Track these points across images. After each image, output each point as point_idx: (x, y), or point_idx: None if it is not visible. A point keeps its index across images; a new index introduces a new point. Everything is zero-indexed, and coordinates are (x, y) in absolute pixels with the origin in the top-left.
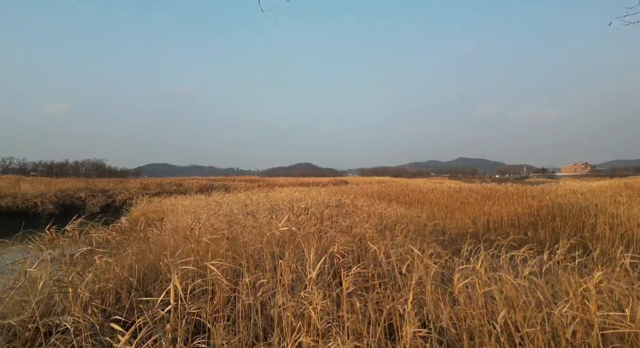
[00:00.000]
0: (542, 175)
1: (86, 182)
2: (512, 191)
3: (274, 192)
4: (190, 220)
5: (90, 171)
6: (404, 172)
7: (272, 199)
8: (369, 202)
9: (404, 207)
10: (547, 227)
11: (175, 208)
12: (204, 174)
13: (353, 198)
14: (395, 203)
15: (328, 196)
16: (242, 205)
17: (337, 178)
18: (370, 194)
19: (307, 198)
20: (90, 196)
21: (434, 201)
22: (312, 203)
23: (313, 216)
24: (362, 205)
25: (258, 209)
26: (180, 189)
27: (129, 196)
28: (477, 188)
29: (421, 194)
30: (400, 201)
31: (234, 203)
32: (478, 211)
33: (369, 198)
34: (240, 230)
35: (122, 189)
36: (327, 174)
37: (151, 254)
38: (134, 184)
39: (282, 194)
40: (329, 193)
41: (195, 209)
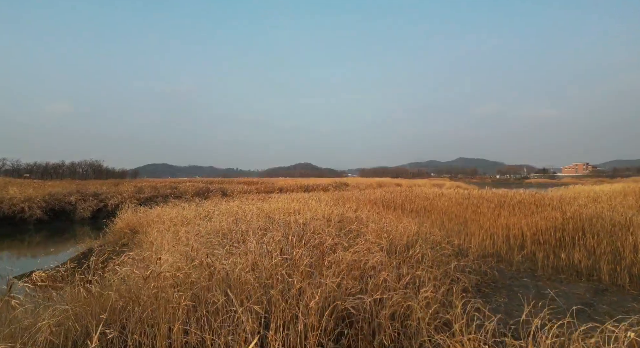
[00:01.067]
0: (543, 175)
1: (78, 185)
2: (527, 199)
3: (270, 200)
4: (170, 240)
5: (86, 173)
6: (404, 172)
7: (267, 210)
8: (373, 212)
9: (410, 217)
10: (580, 246)
11: (161, 218)
12: (204, 174)
13: (356, 209)
14: (400, 211)
15: (329, 206)
16: (233, 218)
17: (337, 178)
18: (373, 202)
19: (305, 209)
20: (81, 201)
21: (442, 210)
22: (311, 216)
23: (313, 238)
24: (367, 218)
25: (249, 227)
26: (176, 192)
27: (122, 200)
28: (488, 195)
29: (428, 201)
30: (405, 209)
31: (225, 214)
32: (494, 224)
33: (373, 206)
34: (219, 268)
35: (114, 193)
36: (327, 174)
37: (77, 324)
38: (128, 187)
39: (278, 204)
40: (329, 201)
41: (181, 221)
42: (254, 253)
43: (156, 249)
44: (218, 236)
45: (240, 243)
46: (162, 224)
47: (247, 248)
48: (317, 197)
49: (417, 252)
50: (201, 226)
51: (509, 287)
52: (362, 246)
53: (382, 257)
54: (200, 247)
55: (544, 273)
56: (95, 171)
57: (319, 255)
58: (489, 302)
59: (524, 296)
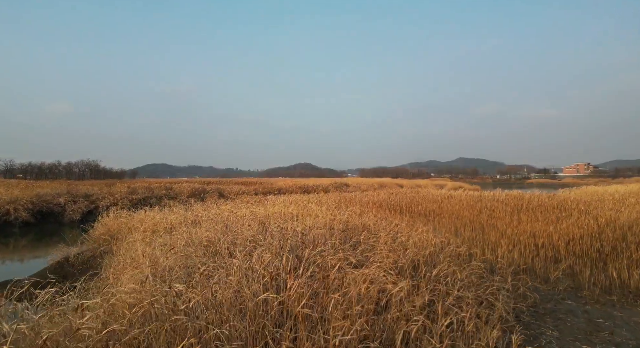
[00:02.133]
0: (544, 176)
1: (69, 185)
2: (547, 201)
3: (267, 203)
4: (141, 253)
5: (83, 173)
6: (404, 172)
7: (263, 215)
8: (379, 216)
9: (419, 221)
10: (626, 259)
11: (143, 224)
12: (204, 175)
13: (360, 213)
14: (407, 214)
15: (330, 211)
16: (222, 225)
17: (338, 179)
18: (378, 204)
19: (304, 213)
20: (70, 202)
21: (454, 213)
22: (312, 223)
23: (313, 255)
24: (375, 226)
25: (239, 237)
26: (171, 193)
27: (114, 202)
28: (501, 197)
29: (436, 203)
30: (413, 213)
31: (214, 220)
32: (516, 231)
33: (378, 209)
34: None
35: (106, 194)
36: (327, 174)
37: None
38: (121, 188)
39: (274, 208)
40: (331, 204)
41: (165, 227)
42: (237, 279)
43: (116, 271)
44: (201, 247)
45: (226, 257)
46: (143, 231)
47: (231, 267)
48: (318, 199)
49: (444, 270)
50: (185, 234)
51: (553, 314)
52: (375, 268)
53: (404, 285)
54: (168, 268)
55: (591, 294)
56: (92, 171)
57: (322, 282)
58: (535, 337)
59: (574, 327)
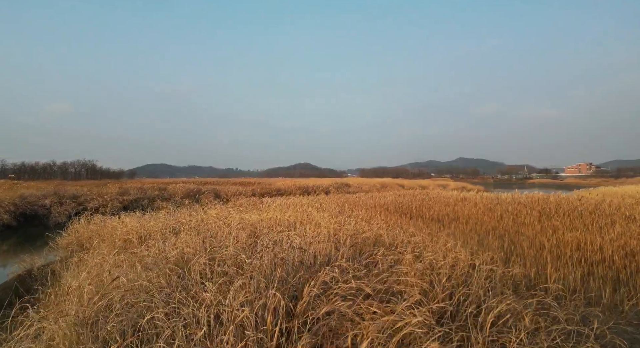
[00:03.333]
0: (546, 176)
1: (57, 186)
2: (576, 204)
3: (262, 206)
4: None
5: (79, 173)
6: (404, 172)
7: (256, 221)
8: (389, 222)
9: (433, 227)
10: None
11: (115, 232)
12: (204, 175)
13: (368, 218)
14: (419, 220)
15: (334, 217)
16: (204, 236)
17: (338, 179)
18: (384, 207)
19: (304, 219)
20: (56, 204)
21: (471, 218)
22: (313, 234)
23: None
24: (389, 236)
25: (219, 255)
26: (164, 194)
27: (103, 203)
28: (522, 199)
29: (449, 206)
30: (424, 217)
31: (198, 228)
32: (554, 241)
33: (385, 213)
34: None
35: (95, 195)
36: (327, 174)
37: None
38: (111, 189)
39: (270, 214)
40: (333, 208)
41: (140, 237)
42: None
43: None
44: (168, 269)
45: (196, 288)
46: (113, 242)
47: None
48: (319, 202)
49: (500, 308)
50: (154, 249)
51: None
52: (405, 309)
53: None
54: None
55: None
56: (88, 171)
57: None
58: None
59: None
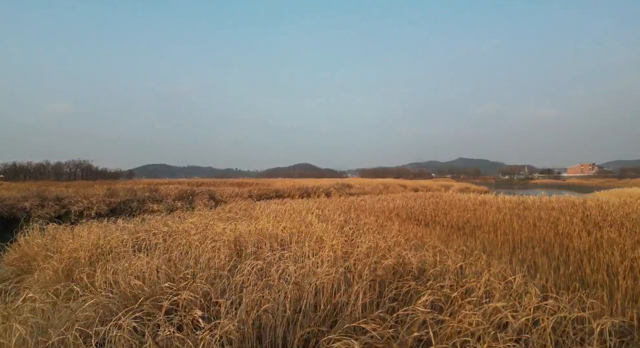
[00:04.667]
0: (548, 176)
1: (40, 187)
2: (627, 210)
3: (256, 210)
4: None
5: (74, 173)
6: (405, 173)
7: (243, 234)
8: (405, 230)
9: (456, 236)
10: None
11: (67, 247)
12: (203, 175)
13: (380, 227)
14: (437, 227)
15: (339, 227)
16: (176, 253)
17: (339, 179)
18: (395, 212)
19: (303, 231)
20: (37, 206)
21: (499, 226)
22: (315, 256)
23: None
24: (414, 258)
25: (179, 292)
26: (155, 196)
27: (88, 206)
28: (552, 203)
29: (468, 211)
30: (441, 224)
31: (168, 244)
32: (627, 263)
33: (397, 219)
34: None
35: (80, 197)
36: (327, 174)
37: None
38: (99, 190)
39: (260, 224)
40: (337, 215)
41: (94, 254)
42: None
43: None
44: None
45: None
46: (58, 263)
47: None
48: (320, 206)
49: None
50: (101, 278)
51: None
52: None
53: None
54: None
55: None
56: (84, 171)
57: None
58: None
59: None
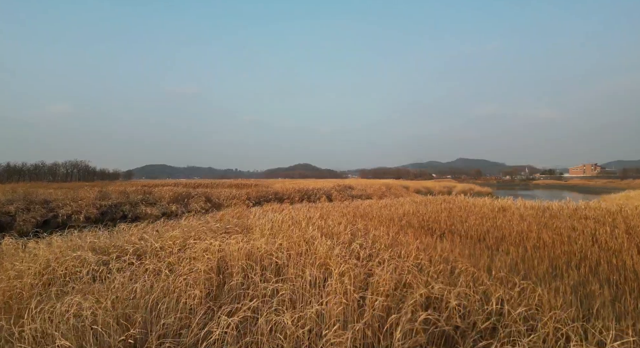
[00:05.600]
0: (550, 176)
1: (28, 189)
2: None
3: (249, 222)
4: None
5: (71, 174)
6: (405, 173)
7: (225, 256)
8: (423, 245)
9: (479, 250)
10: None
11: (7, 268)
12: (203, 176)
13: (395, 241)
14: (455, 238)
15: (346, 245)
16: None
17: (339, 180)
18: (405, 219)
19: (302, 250)
20: (22, 210)
21: (528, 238)
22: (319, 307)
23: None
24: (452, 295)
25: None
26: (149, 199)
27: (77, 209)
28: (580, 210)
29: (488, 220)
30: (461, 235)
31: (126, 273)
32: None
33: (410, 229)
34: None
35: (69, 200)
36: (327, 175)
37: None
38: (90, 192)
39: (252, 242)
40: (342, 230)
41: (27, 288)
42: None
43: None
44: None
45: None
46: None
47: None
48: (323, 214)
49: None
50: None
51: None
52: None
53: None
54: None
55: None
56: (81, 172)
57: None
58: None
59: None
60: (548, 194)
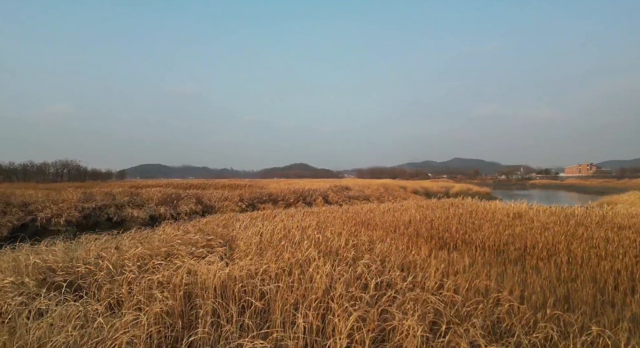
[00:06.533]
0: (546, 176)
1: (4, 191)
2: None
3: (234, 233)
4: None
5: (61, 174)
6: (401, 173)
7: (203, 286)
8: (443, 264)
9: (499, 267)
10: None
11: None
12: (198, 175)
13: (404, 259)
14: (473, 251)
15: (349, 264)
16: None
17: (336, 180)
18: (412, 227)
19: (294, 285)
20: None
21: (556, 253)
22: None
23: None
24: None
25: None
26: (136, 201)
27: (58, 212)
28: (608, 216)
29: (506, 228)
30: (477, 246)
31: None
32: None
33: (419, 240)
34: None
35: (49, 203)
36: (323, 174)
37: None
38: (73, 194)
39: (230, 267)
40: (343, 239)
41: None
42: None
43: None
44: None
45: None
46: None
47: None
48: (320, 222)
49: None
50: None
51: None
52: None
53: None
54: None
55: None
56: (71, 172)
57: None
58: None
59: None
60: (545, 194)
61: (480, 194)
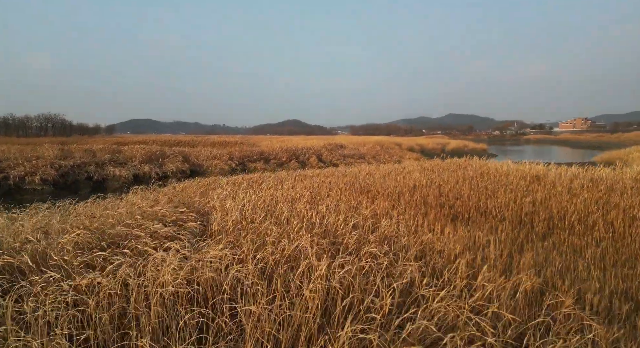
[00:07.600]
0: (540, 131)
1: None
2: None
3: (211, 204)
4: None
5: (45, 128)
6: (396, 130)
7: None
8: (455, 239)
9: (541, 251)
10: None
11: None
12: (190, 131)
13: (415, 240)
14: (494, 223)
15: (353, 247)
16: None
17: (329, 137)
18: (418, 192)
19: (278, 274)
20: None
21: (592, 226)
22: None
23: None
24: None
25: None
26: (119, 158)
27: (32, 170)
28: None
29: (525, 194)
30: (495, 217)
31: None
32: None
33: (426, 208)
34: None
35: (23, 160)
36: (316, 131)
37: None
38: (49, 151)
39: (197, 258)
40: (341, 216)
41: None
42: None
43: None
44: None
45: None
46: None
47: None
48: (313, 191)
49: None
50: None
51: None
52: None
53: None
54: None
55: None
56: (55, 126)
57: None
58: None
59: None
60: (539, 150)
61: (477, 151)
